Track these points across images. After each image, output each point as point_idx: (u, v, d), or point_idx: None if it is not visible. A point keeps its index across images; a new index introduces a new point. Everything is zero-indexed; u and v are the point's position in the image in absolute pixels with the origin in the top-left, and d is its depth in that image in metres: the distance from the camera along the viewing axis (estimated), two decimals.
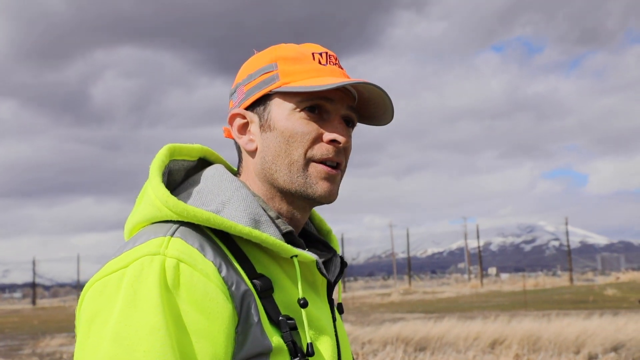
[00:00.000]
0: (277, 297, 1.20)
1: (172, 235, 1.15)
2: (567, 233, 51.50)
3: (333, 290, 1.36)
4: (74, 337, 23.91)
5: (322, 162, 1.28)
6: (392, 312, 25.08)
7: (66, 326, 27.63)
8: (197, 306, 1.09)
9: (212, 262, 1.13)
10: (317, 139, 1.28)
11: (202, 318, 1.08)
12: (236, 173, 1.39)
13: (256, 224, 1.22)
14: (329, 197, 1.30)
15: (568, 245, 52.59)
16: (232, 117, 1.34)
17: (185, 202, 1.23)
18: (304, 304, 1.19)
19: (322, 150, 1.28)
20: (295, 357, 1.15)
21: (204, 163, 1.40)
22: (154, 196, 1.20)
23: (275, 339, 1.14)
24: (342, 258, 1.41)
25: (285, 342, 1.15)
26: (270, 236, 1.20)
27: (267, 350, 1.13)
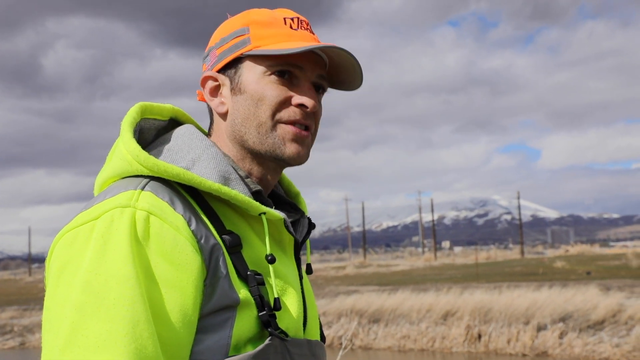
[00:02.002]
0: (246, 253, 1.21)
1: (143, 188, 1.16)
2: (519, 207, 52.46)
3: (300, 250, 1.38)
4: (25, 309, 23.62)
5: (290, 123, 1.30)
6: (347, 285, 25.29)
7: (17, 299, 27.21)
8: (166, 257, 1.10)
9: (182, 215, 1.15)
10: (286, 102, 1.29)
11: (171, 269, 1.10)
12: (207, 134, 1.39)
13: (226, 181, 1.24)
14: (299, 159, 1.31)
15: (520, 219, 53.61)
16: (204, 80, 1.34)
17: (156, 158, 1.23)
18: (271, 259, 1.22)
19: (290, 113, 1.29)
20: (262, 311, 1.17)
21: (174, 124, 1.41)
22: (125, 151, 1.21)
23: (243, 293, 1.16)
24: (309, 219, 1.43)
25: (252, 296, 1.17)
26: (239, 193, 1.21)
27: (235, 303, 1.15)
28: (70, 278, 1.08)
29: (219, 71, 1.34)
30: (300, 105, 1.30)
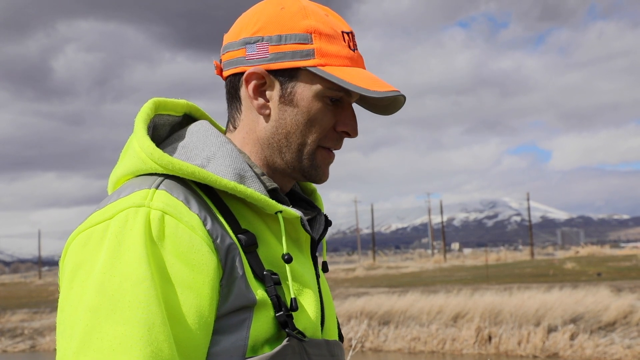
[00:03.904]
0: (261, 252, 1.19)
1: (157, 187, 1.14)
2: (528, 208, 52.34)
3: (317, 248, 1.36)
4: (35, 312, 23.70)
5: (329, 148, 1.30)
6: (357, 287, 25.26)
7: (27, 302, 27.31)
8: (182, 258, 1.08)
9: (197, 214, 1.12)
10: (332, 128, 1.29)
11: (187, 270, 1.08)
12: (224, 130, 1.36)
13: (241, 179, 1.21)
14: (324, 180, 1.33)
15: (529, 221, 53.44)
16: (250, 75, 1.26)
17: (170, 156, 1.21)
18: (288, 259, 1.19)
19: (333, 140, 1.30)
20: (279, 311, 1.15)
21: (189, 119, 1.38)
22: (139, 148, 1.18)
23: (260, 293, 1.14)
24: (326, 217, 1.41)
25: (269, 297, 1.15)
26: (255, 191, 1.19)
27: (252, 304, 1.13)
28: (84, 280, 1.06)
29: (267, 70, 1.27)
30: (344, 132, 1.30)
